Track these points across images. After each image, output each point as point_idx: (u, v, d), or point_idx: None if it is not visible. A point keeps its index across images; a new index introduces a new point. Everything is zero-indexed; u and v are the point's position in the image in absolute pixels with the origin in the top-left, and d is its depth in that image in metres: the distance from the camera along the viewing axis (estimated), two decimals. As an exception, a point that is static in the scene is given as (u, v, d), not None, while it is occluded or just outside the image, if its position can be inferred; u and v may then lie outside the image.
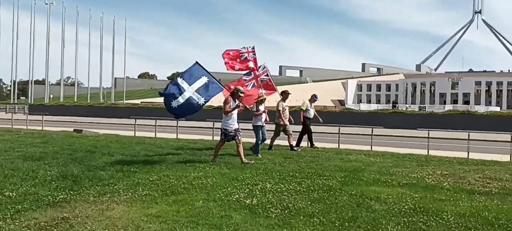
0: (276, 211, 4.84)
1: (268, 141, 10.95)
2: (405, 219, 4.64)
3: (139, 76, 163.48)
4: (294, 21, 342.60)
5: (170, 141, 13.37)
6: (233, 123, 8.42)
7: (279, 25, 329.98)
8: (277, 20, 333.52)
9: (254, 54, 10.66)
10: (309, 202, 5.24)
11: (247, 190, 5.89)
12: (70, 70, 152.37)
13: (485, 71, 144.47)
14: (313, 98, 12.34)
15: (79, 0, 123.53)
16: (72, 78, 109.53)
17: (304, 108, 12.05)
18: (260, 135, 9.95)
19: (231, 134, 8.37)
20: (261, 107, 10.04)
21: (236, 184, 6.24)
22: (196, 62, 8.67)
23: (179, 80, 8.28)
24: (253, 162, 8.31)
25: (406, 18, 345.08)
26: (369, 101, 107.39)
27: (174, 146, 11.74)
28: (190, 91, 8.13)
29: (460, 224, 4.48)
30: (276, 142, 11.50)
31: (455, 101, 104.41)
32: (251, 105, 9.89)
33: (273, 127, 11.17)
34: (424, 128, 13.68)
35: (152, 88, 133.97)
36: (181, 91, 8.12)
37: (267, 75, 11.08)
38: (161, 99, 8.83)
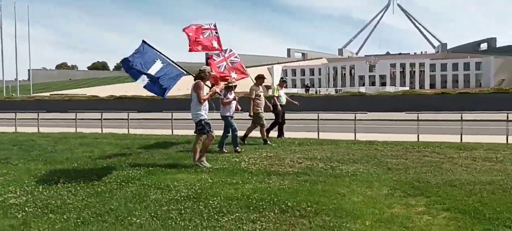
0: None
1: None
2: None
3: (56, 67, 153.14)
4: (220, 7, 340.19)
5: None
6: (207, 111, 7.16)
7: (205, 10, 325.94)
8: (204, 6, 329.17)
9: (217, 32, 9.29)
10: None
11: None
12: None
13: (400, 53, 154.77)
14: (282, 82, 11.15)
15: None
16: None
17: (276, 95, 10.74)
18: (230, 126, 8.65)
19: (209, 123, 7.12)
20: (230, 95, 8.66)
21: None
22: (143, 41, 6.85)
23: (133, 63, 6.51)
24: (209, 165, 7.00)
25: (330, 3, 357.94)
26: (294, 86, 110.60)
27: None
28: (149, 74, 6.58)
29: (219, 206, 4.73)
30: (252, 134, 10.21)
31: (373, 83, 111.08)
32: (220, 90, 8.43)
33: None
34: (315, 111, 13.97)
35: (70, 79, 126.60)
36: (139, 72, 6.49)
37: (236, 57, 9.91)
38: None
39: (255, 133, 10.09)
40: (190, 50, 8.83)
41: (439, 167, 6.67)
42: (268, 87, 22.94)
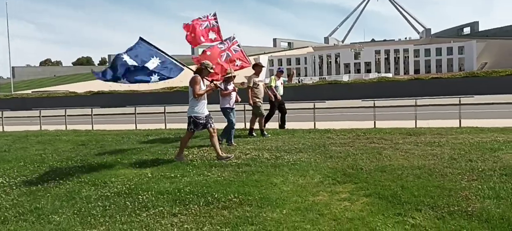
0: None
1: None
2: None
3: (40, 64, 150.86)
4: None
5: None
6: (204, 108, 6.88)
7: (194, 2, 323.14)
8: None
9: (217, 22, 8.98)
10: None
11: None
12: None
13: (385, 40, 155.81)
14: (279, 72, 10.84)
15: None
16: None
17: (273, 85, 10.39)
18: (228, 120, 8.37)
19: (202, 121, 6.83)
20: (230, 86, 8.33)
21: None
22: (140, 38, 6.57)
23: (125, 56, 6.17)
24: (232, 155, 6.91)
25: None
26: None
27: None
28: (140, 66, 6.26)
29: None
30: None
31: (358, 71, 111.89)
32: (220, 82, 8.19)
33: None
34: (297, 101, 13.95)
35: (55, 75, 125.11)
36: (128, 66, 6.14)
37: (238, 45, 9.45)
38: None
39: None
40: (192, 45, 8.83)
41: (379, 153, 6.79)
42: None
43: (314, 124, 11.26)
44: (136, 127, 12.90)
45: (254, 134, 9.53)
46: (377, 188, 4.91)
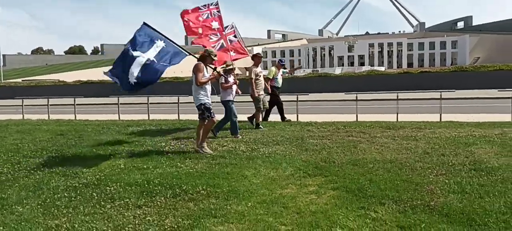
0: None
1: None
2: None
3: (32, 52, 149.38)
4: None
5: None
6: (208, 95, 6.78)
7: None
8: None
9: (219, 11, 8.73)
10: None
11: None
12: None
13: (379, 33, 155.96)
14: (280, 64, 10.63)
15: None
16: None
17: (271, 77, 10.22)
18: (230, 112, 8.16)
19: (210, 107, 6.76)
20: (230, 78, 8.08)
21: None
22: (144, 23, 6.54)
23: (130, 52, 6.21)
24: (211, 152, 6.71)
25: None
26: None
27: None
28: (145, 57, 6.20)
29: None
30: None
31: (351, 63, 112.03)
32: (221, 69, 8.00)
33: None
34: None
35: (47, 64, 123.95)
36: (131, 60, 6.14)
37: (235, 36, 9.19)
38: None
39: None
40: (189, 34, 8.54)
41: (354, 147, 6.80)
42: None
43: (297, 116, 11.26)
44: (119, 118, 12.82)
45: (261, 126, 9.25)
46: (345, 181, 4.91)
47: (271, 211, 4.09)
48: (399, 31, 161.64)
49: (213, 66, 7.05)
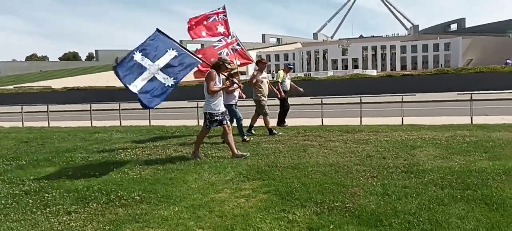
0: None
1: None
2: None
3: (26, 59, 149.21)
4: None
5: None
6: (220, 104, 6.71)
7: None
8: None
9: (225, 15, 8.79)
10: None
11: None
12: None
13: (373, 36, 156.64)
14: (288, 67, 10.70)
15: None
16: None
17: (280, 81, 10.25)
18: (234, 115, 8.18)
19: (218, 118, 6.67)
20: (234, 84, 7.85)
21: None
22: (157, 30, 6.36)
23: (137, 55, 5.95)
24: (247, 154, 6.74)
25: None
26: (268, 72, 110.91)
27: None
28: (153, 69, 5.98)
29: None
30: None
31: (345, 66, 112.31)
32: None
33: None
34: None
35: (41, 71, 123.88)
36: (141, 70, 5.91)
37: (238, 44, 9.25)
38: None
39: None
40: (193, 37, 8.52)
41: (304, 150, 6.92)
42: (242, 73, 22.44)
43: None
44: (91, 124, 12.92)
45: (253, 131, 9.26)
46: (279, 185, 5.02)
47: (195, 215, 4.19)
48: (393, 34, 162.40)
49: (227, 76, 7.01)
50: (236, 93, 8.27)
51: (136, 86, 5.84)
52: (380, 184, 4.79)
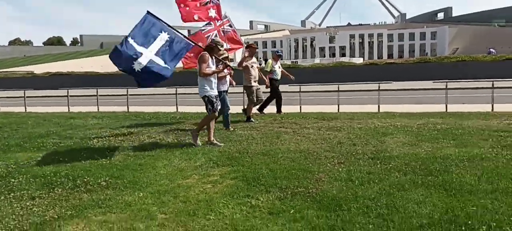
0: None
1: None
2: None
3: (9, 43, 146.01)
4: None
5: None
6: (213, 87, 6.59)
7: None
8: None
9: None
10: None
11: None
12: None
13: (360, 24, 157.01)
14: (277, 55, 10.55)
15: None
16: None
17: (268, 69, 10.10)
18: (223, 103, 7.75)
19: (216, 100, 6.62)
20: (225, 69, 7.64)
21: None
22: (148, 12, 6.20)
23: (131, 41, 5.83)
24: (222, 145, 6.54)
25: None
26: (257, 59, 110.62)
27: None
28: (148, 55, 5.89)
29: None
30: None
31: (333, 54, 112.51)
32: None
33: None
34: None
35: (25, 55, 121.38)
36: (137, 55, 5.81)
37: (230, 25, 8.90)
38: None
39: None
40: (184, 20, 8.11)
41: (277, 137, 6.96)
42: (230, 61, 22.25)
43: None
44: (68, 110, 12.77)
45: (252, 120, 9.04)
46: (247, 171, 5.04)
47: (159, 201, 4.19)
48: (380, 22, 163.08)
49: (221, 61, 6.88)
50: (228, 79, 8.07)
51: (135, 68, 5.81)
52: (345, 170, 4.85)
